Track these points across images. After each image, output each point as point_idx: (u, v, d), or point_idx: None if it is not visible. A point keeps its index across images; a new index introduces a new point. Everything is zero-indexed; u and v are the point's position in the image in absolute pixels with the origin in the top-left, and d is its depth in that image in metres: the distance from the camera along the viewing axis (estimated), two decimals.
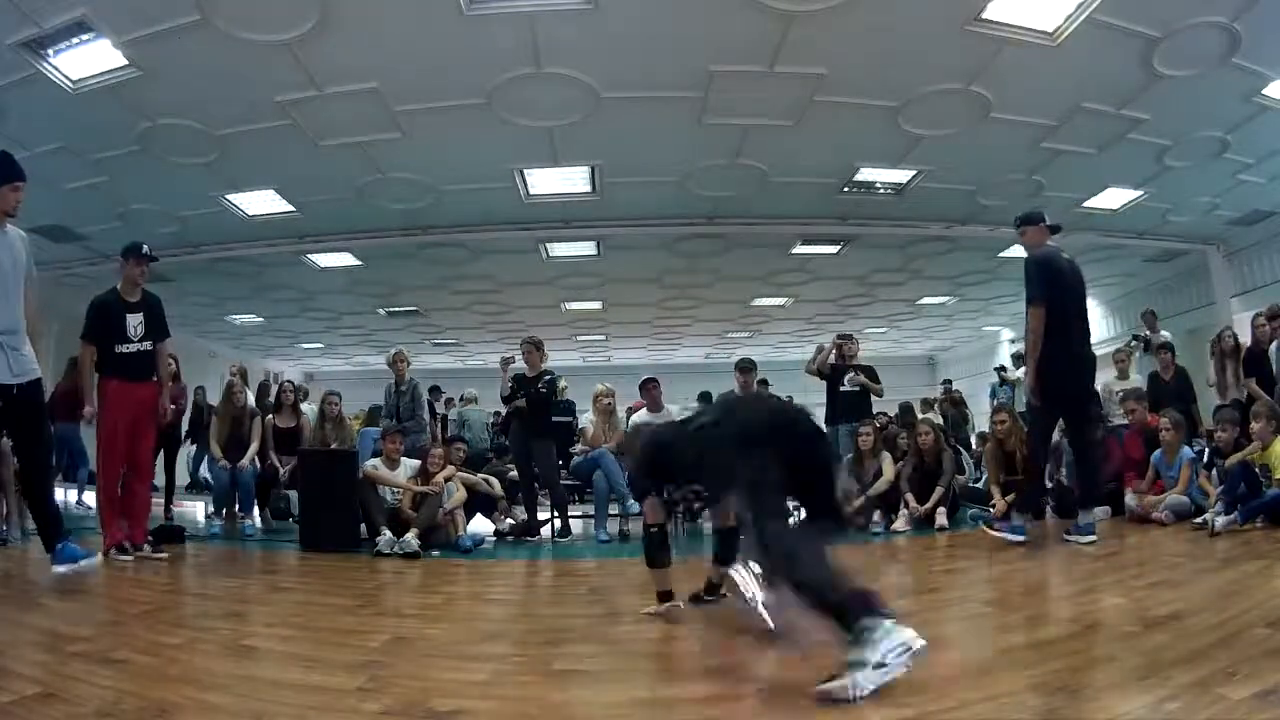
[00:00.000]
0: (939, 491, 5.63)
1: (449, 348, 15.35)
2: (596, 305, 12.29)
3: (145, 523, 4.53)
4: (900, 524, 5.54)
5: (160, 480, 6.16)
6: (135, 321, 4.39)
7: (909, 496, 5.69)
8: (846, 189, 7.73)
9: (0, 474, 4.92)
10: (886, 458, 6.02)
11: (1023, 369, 10.54)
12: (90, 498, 7.90)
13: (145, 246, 4.53)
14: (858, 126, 6.35)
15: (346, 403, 6.72)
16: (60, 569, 3.29)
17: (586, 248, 9.38)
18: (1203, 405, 6.52)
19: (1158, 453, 5.20)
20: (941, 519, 5.52)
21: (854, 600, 1.76)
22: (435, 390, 9.42)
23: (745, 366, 6.51)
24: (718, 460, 2.19)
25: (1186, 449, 5.12)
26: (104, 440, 4.33)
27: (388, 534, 4.74)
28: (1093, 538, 4.10)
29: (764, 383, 7.79)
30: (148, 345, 4.43)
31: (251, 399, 6.58)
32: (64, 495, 8.50)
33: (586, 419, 6.36)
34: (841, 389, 6.65)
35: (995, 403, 9.03)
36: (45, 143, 5.86)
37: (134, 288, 4.46)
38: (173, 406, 4.93)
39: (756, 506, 1.99)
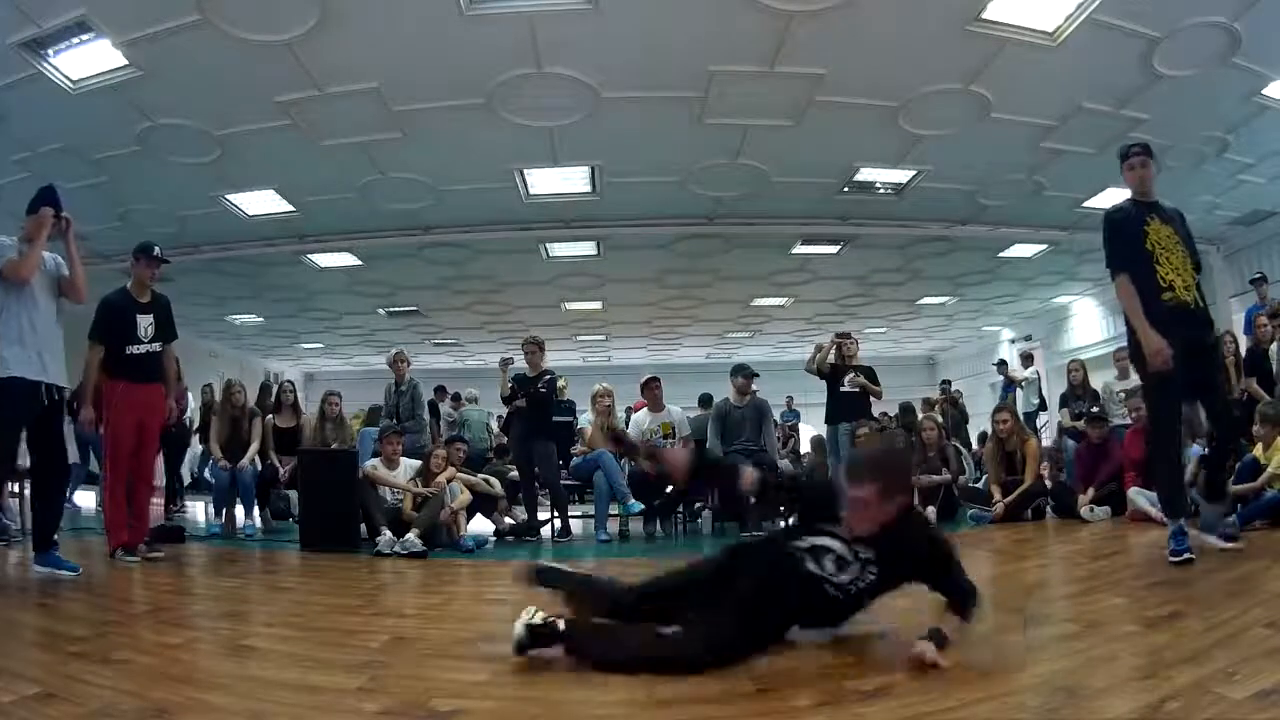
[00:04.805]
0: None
1: (449, 348, 15.35)
2: (596, 305, 12.29)
3: (146, 523, 4.52)
4: None
5: (159, 480, 6.16)
6: (146, 323, 4.37)
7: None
8: (846, 189, 7.73)
9: None
10: None
11: (1031, 369, 10.59)
12: (80, 498, 7.93)
13: (157, 249, 4.50)
14: (858, 126, 6.35)
15: (346, 403, 6.71)
16: (41, 569, 3.49)
17: (586, 248, 9.38)
18: None
19: None
20: (930, 518, 5.56)
21: None
22: (440, 390, 9.41)
23: (749, 374, 6.52)
24: None
25: (1195, 446, 5.11)
26: (111, 442, 4.31)
27: (388, 534, 4.74)
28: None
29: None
30: (157, 347, 4.41)
31: (251, 399, 6.58)
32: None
33: (586, 419, 6.36)
34: (841, 389, 6.66)
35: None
36: (45, 143, 5.86)
37: (144, 288, 4.44)
38: (176, 408, 4.94)
39: None
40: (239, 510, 5.97)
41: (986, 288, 11.86)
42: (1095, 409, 6.12)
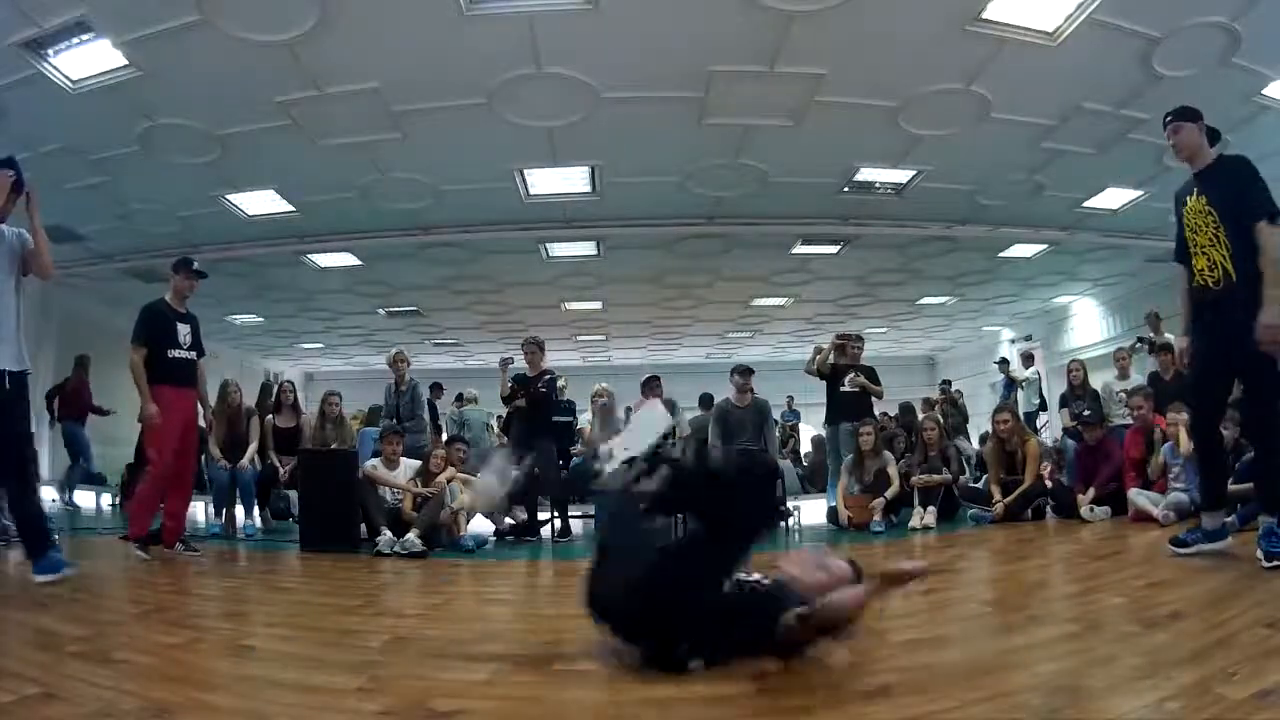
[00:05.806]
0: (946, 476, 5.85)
1: (449, 348, 15.35)
2: (596, 305, 12.28)
3: (183, 526, 4.66)
4: (915, 521, 5.58)
5: None
6: (184, 330, 4.58)
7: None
8: (846, 189, 7.72)
9: None
10: (890, 459, 6.04)
11: (1031, 369, 10.56)
12: (79, 497, 7.96)
13: (195, 262, 4.77)
14: (858, 126, 6.34)
15: (346, 403, 6.72)
16: (41, 578, 3.19)
17: (586, 248, 9.37)
18: None
19: (1167, 445, 5.18)
20: (930, 519, 5.56)
21: None
22: (435, 388, 9.39)
23: (744, 372, 6.56)
24: None
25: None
26: (158, 443, 4.45)
27: (388, 534, 4.75)
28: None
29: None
30: (194, 355, 4.61)
31: (251, 399, 6.59)
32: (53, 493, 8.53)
33: (586, 419, 6.37)
34: (842, 389, 6.66)
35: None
36: (45, 143, 5.85)
37: (181, 300, 4.66)
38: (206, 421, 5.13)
39: None
40: (239, 510, 5.98)
41: (986, 288, 11.86)
42: (1088, 412, 6.12)
